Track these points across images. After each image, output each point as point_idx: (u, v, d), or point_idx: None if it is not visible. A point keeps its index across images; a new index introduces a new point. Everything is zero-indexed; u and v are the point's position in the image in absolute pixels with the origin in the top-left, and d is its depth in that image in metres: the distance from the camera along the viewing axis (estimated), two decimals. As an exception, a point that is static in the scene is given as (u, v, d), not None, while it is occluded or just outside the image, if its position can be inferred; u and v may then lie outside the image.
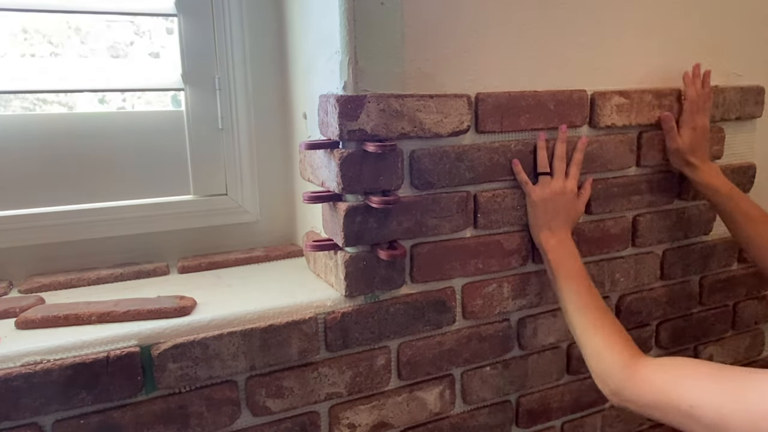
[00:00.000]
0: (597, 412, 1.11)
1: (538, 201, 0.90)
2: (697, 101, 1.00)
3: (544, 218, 0.90)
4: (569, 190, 0.92)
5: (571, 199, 0.92)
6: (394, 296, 0.86)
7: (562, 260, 0.87)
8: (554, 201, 0.90)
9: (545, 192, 0.90)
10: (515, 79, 0.90)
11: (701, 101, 1.01)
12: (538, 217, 0.91)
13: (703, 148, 1.02)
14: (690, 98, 1.01)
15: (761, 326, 1.29)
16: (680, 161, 1.02)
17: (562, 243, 0.89)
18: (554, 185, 0.91)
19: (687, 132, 1.00)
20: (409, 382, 0.91)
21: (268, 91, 0.98)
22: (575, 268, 0.86)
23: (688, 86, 1.01)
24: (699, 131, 1.01)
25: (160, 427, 0.74)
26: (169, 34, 1.02)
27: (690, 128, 1.00)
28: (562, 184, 0.91)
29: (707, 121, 1.02)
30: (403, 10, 0.79)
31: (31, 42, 0.95)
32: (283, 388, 0.80)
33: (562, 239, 0.89)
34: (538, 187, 0.91)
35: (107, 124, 0.92)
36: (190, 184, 0.97)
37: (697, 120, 1.00)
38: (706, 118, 1.01)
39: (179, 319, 0.74)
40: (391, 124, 0.79)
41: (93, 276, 0.88)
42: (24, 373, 0.65)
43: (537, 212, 0.91)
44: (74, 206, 0.89)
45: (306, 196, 0.81)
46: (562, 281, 0.85)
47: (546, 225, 0.90)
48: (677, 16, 1.03)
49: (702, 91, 1.01)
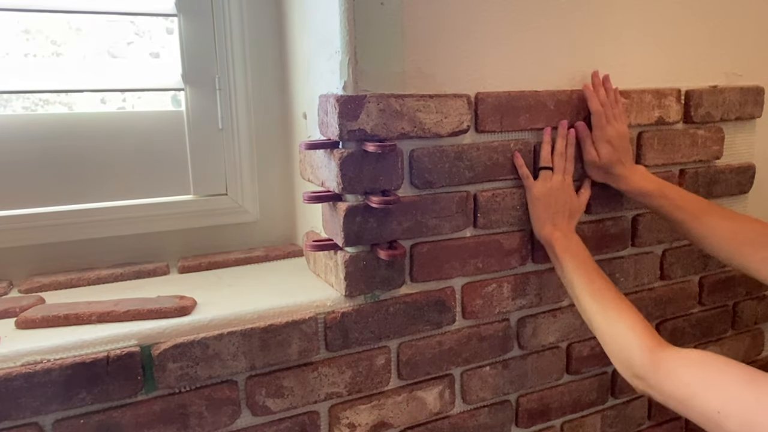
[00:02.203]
0: (597, 412, 1.11)
1: (540, 195, 0.90)
2: (603, 112, 0.92)
3: (546, 213, 0.90)
4: (568, 185, 0.92)
5: (572, 194, 0.92)
6: (394, 296, 0.86)
7: (570, 250, 0.86)
8: (555, 196, 0.90)
9: (546, 186, 0.90)
10: (515, 79, 0.90)
11: (608, 110, 0.93)
12: (540, 211, 0.90)
13: (625, 155, 0.94)
14: (595, 111, 0.92)
15: (761, 326, 1.29)
16: (599, 174, 0.95)
17: (567, 236, 0.88)
18: (555, 180, 0.91)
19: (603, 146, 0.92)
20: (409, 382, 0.91)
21: (268, 91, 0.98)
22: (584, 256, 0.85)
23: (590, 99, 0.93)
24: (616, 141, 0.92)
25: (160, 426, 0.74)
26: (169, 34, 1.02)
27: (604, 142, 0.92)
28: (562, 179, 0.91)
29: (623, 126, 0.94)
30: (403, 10, 0.80)
31: (34, 42, 0.95)
32: (283, 387, 0.80)
33: (566, 233, 0.89)
34: (539, 182, 0.91)
35: (107, 124, 0.92)
36: (190, 184, 0.97)
37: (609, 131, 0.92)
38: (621, 124, 0.93)
39: (179, 319, 0.74)
40: (391, 124, 0.79)
41: (93, 276, 0.88)
42: (24, 373, 0.65)
43: (539, 207, 0.90)
44: (74, 206, 0.90)
45: (306, 196, 0.81)
46: (573, 270, 0.84)
47: (549, 219, 0.90)
48: (677, 16, 1.03)
49: (607, 100, 0.93)
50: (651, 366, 0.68)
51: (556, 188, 0.90)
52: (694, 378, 0.63)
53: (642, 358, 0.69)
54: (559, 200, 0.90)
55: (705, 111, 1.08)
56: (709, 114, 1.08)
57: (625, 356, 0.72)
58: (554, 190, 0.90)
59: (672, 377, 0.65)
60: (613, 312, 0.76)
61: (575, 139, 0.94)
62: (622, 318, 0.75)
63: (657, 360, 0.68)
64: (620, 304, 0.77)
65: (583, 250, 0.86)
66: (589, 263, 0.84)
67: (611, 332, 0.75)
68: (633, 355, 0.71)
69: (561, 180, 0.91)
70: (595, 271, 0.83)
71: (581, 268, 0.83)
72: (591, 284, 0.81)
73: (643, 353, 0.69)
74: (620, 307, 0.76)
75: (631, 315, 0.75)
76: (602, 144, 0.93)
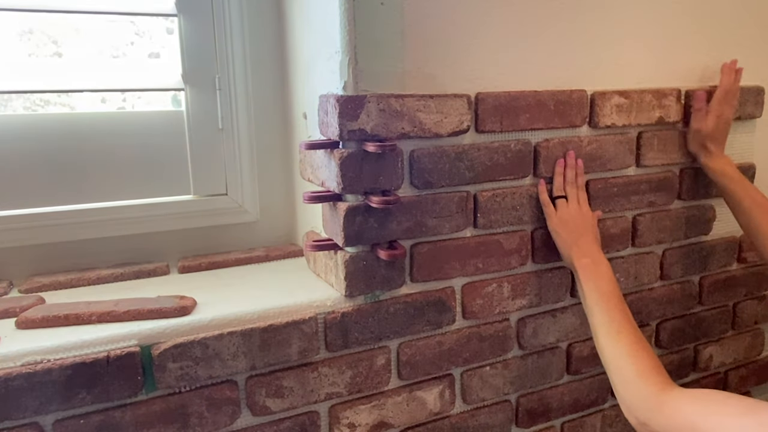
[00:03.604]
0: (597, 412, 1.11)
1: (561, 221, 0.92)
2: (728, 91, 1.03)
3: (570, 237, 0.91)
4: (586, 210, 0.94)
5: (591, 219, 0.94)
6: (394, 296, 0.86)
7: (593, 280, 0.86)
8: (574, 221, 0.92)
9: (564, 213, 0.92)
10: (515, 79, 0.90)
11: (731, 94, 1.03)
12: (564, 237, 0.91)
13: (723, 138, 1.04)
14: (723, 86, 1.03)
15: (761, 326, 1.29)
16: (698, 144, 1.04)
17: (595, 262, 0.87)
18: (571, 207, 0.93)
19: (713, 118, 1.02)
20: (409, 382, 0.91)
21: (268, 91, 0.98)
22: (608, 290, 0.84)
23: (724, 74, 1.04)
24: (723, 120, 1.03)
25: (160, 426, 0.74)
26: (169, 34, 1.02)
27: (716, 115, 1.02)
28: (577, 206, 0.93)
29: (732, 114, 1.04)
30: (403, 10, 0.80)
31: (34, 42, 0.95)
32: (283, 387, 0.80)
33: (595, 259, 0.88)
34: (558, 209, 0.93)
35: (107, 124, 0.92)
36: (190, 184, 0.97)
37: (725, 109, 1.03)
38: (731, 111, 1.04)
39: (179, 319, 0.74)
40: (391, 124, 0.79)
41: (93, 276, 0.88)
42: (24, 373, 0.65)
43: (562, 233, 0.92)
44: (74, 206, 0.90)
45: (306, 196, 0.81)
46: (594, 303, 0.83)
47: (574, 242, 0.90)
48: (677, 16, 1.03)
49: (733, 87, 1.04)
50: (656, 410, 0.69)
51: (574, 213, 0.92)
52: (698, 414, 0.65)
53: (648, 404, 0.71)
54: (580, 224, 0.92)
55: (705, 111, 1.08)
56: (709, 114, 1.08)
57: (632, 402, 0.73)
58: (573, 215, 0.92)
59: (676, 416, 0.67)
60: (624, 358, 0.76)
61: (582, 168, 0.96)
62: (631, 363, 0.75)
63: (661, 402, 0.69)
64: (634, 346, 0.77)
65: (607, 280, 0.85)
66: (610, 296, 0.83)
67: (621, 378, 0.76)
68: (640, 402, 0.72)
69: (577, 207, 0.93)
70: (615, 307, 0.82)
71: (602, 302, 0.83)
72: (609, 322, 0.80)
73: (649, 400, 0.71)
74: (634, 350, 0.76)
75: (643, 360, 0.75)
76: (713, 116, 1.02)
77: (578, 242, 0.90)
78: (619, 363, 0.77)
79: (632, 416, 0.73)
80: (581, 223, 0.92)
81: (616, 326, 0.79)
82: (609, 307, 0.82)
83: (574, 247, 0.90)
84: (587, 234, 0.91)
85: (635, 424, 0.73)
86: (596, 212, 0.97)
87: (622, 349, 0.77)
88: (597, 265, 0.87)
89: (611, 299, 0.82)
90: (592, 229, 0.93)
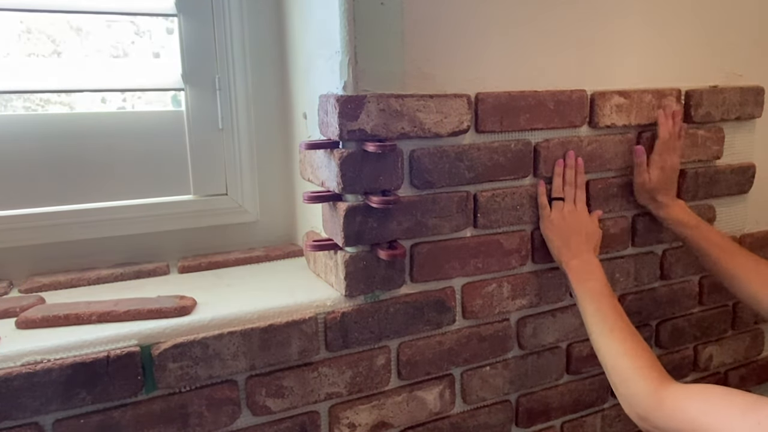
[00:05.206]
0: (597, 412, 1.11)
1: (552, 224, 0.92)
2: (668, 141, 0.99)
3: (561, 239, 0.91)
4: (580, 210, 0.94)
5: (586, 218, 0.93)
6: (394, 296, 0.86)
7: (584, 281, 0.86)
8: (567, 222, 0.92)
9: (556, 216, 0.92)
10: (515, 79, 0.90)
11: (672, 141, 1.00)
12: (555, 239, 0.92)
13: (672, 186, 1.01)
14: (662, 138, 0.99)
15: (761, 326, 1.29)
16: (646, 198, 1.01)
17: (584, 263, 0.88)
18: (566, 208, 0.93)
19: (656, 171, 0.99)
20: (409, 382, 0.91)
21: (268, 91, 0.98)
22: (598, 288, 0.84)
23: (662, 125, 1.00)
24: (668, 170, 1.00)
25: (160, 426, 0.74)
26: (169, 34, 1.02)
27: (659, 168, 0.99)
28: (573, 206, 0.93)
29: (677, 160, 1.01)
30: (403, 10, 0.80)
31: (34, 42, 0.95)
32: (283, 387, 0.80)
33: (584, 260, 0.89)
34: (552, 212, 0.93)
35: (107, 124, 0.92)
36: (190, 184, 0.97)
37: (667, 159, 0.99)
38: (676, 158, 1.00)
39: (179, 319, 0.74)
40: (391, 124, 0.79)
41: (93, 276, 0.88)
42: (24, 373, 0.65)
43: (552, 236, 0.92)
44: (74, 206, 0.90)
45: (306, 196, 0.81)
46: (586, 303, 0.84)
47: (564, 244, 0.91)
48: (677, 16, 1.03)
49: (674, 131, 1.00)
50: (656, 406, 0.70)
51: (567, 215, 0.92)
52: (698, 410, 0.65)
53: (647, 400, 0.71)
54: (571, 225, 0.92)
55: (705, 111, 1.08)
56: (709, 114, 1.08)
57: (631, 398, 0.74)
58: (566, 217, 0.92)
59: (677, 413, 0.67)
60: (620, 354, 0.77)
61: (582, 166, 0.95)
62: (627, 359, 0.76)
63: (660, 399, 0.69)
64: (629, 342, 0.77)
65: (597, 281, 0.86)
66: (602, 295, 0.84)
67: (618, 374, 0.76)
68: (639, 397, 0.72)
69: (572, 208, 0.93)
70: (607, 305, 0.82)
71: (593, 302, 0.83)
72: (603, 320, 0.81)
73: (649, 396, 0.71)
74: (629, 346, 0.77)
75: (639, 356, 0.75)
76: (656, 170, 0.99)
77: (568, 244, 0.91)
78: (616, 361, 0.77)
79: (633, 411, 0.74)
80: (573, 224, 0.92)
81: (609, 324, 0.80)
82: (600, 306, 0.82)
83: (564, 249, 0.91)
84: (577, 234, 0.91)
85: (636, 418, 0.73)
86: (596, 212, 0.97)
87: (617, 347, 0.78)
88: (586, 265, 0.88)
89: (602, 298, 0.83)
90: (586, 228, 0.92)
